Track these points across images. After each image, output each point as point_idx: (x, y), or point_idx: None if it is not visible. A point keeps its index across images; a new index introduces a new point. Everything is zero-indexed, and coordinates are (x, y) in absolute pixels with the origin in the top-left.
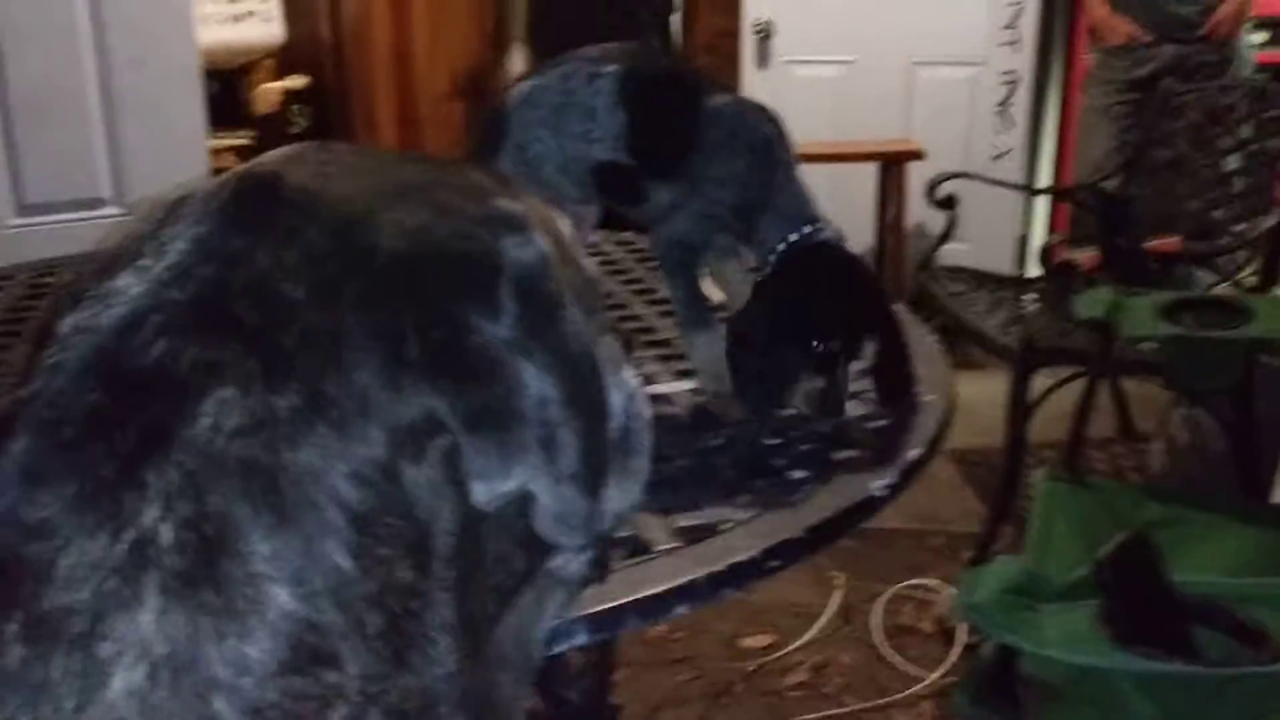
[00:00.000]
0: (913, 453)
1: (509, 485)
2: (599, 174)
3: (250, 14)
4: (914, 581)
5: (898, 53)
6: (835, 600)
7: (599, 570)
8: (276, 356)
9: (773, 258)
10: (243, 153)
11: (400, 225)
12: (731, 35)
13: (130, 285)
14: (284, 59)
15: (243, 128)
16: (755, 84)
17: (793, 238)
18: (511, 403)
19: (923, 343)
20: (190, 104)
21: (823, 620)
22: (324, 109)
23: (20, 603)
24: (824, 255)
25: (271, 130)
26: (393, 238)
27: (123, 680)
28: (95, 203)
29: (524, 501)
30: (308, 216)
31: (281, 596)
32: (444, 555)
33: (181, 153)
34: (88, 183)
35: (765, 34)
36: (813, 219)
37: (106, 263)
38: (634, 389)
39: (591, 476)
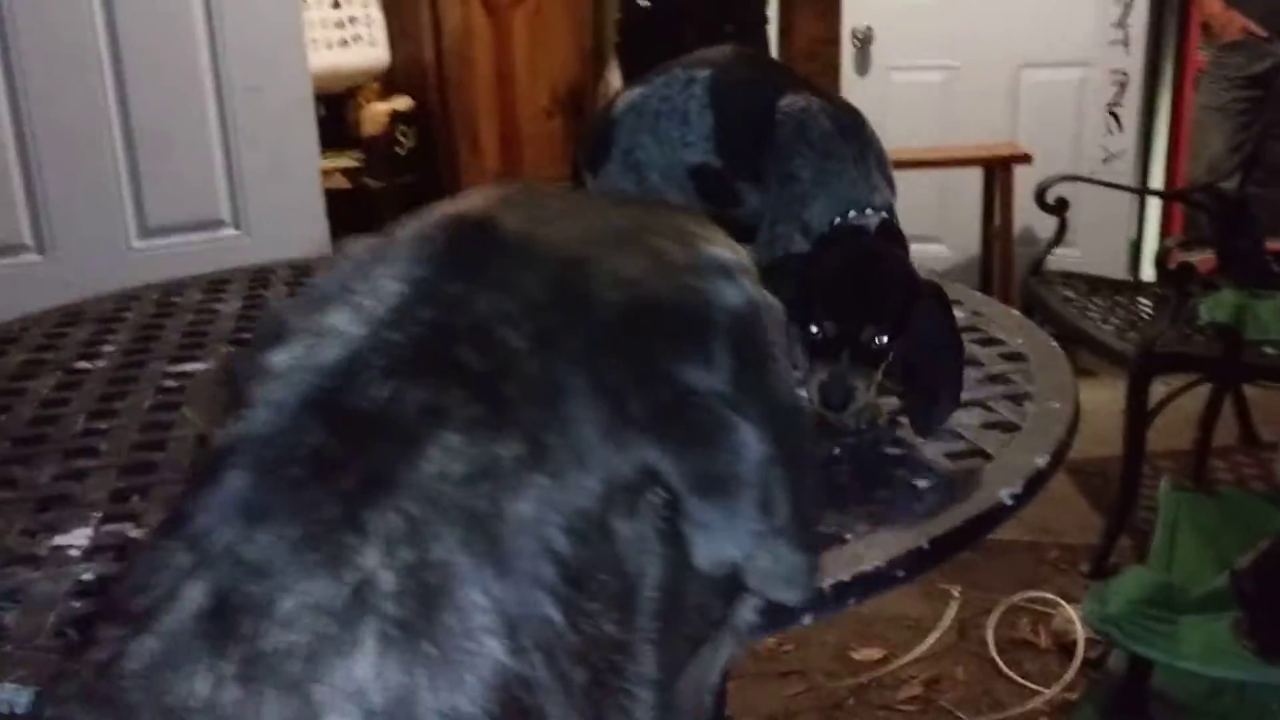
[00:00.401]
0: (1039, 460)
1: (734, 553)
2: (696, 176)
3: (357, 38)
4: (1030, 594)
5: (1002, 55)
6: (950, 613)
7: (769, 618)
8: (500, 404)
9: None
10: (350, 173)
11: (615, 275)
12: (830, 43)
13: (346, 324)
14: (388, 81)
15: (350, 148)
16: (855, 92)
17: (835, 222)
18: (735, 468)
19: (1045, 348)
20: (304, 128)
21: (937, 633)
22: (428, 129)
23: (238, 641)
24: (850, 239)
25: (378, 151)
26: (609, 288)
27: None
28: (214, 224)
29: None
30: (524, 263)
31: (496, 650)
32: (649, 610)
33: (296, 175)
34: (207, 205)
35: (864, 41)
36: (863, 204)
37: (315, 299)
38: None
39: (805, 530)
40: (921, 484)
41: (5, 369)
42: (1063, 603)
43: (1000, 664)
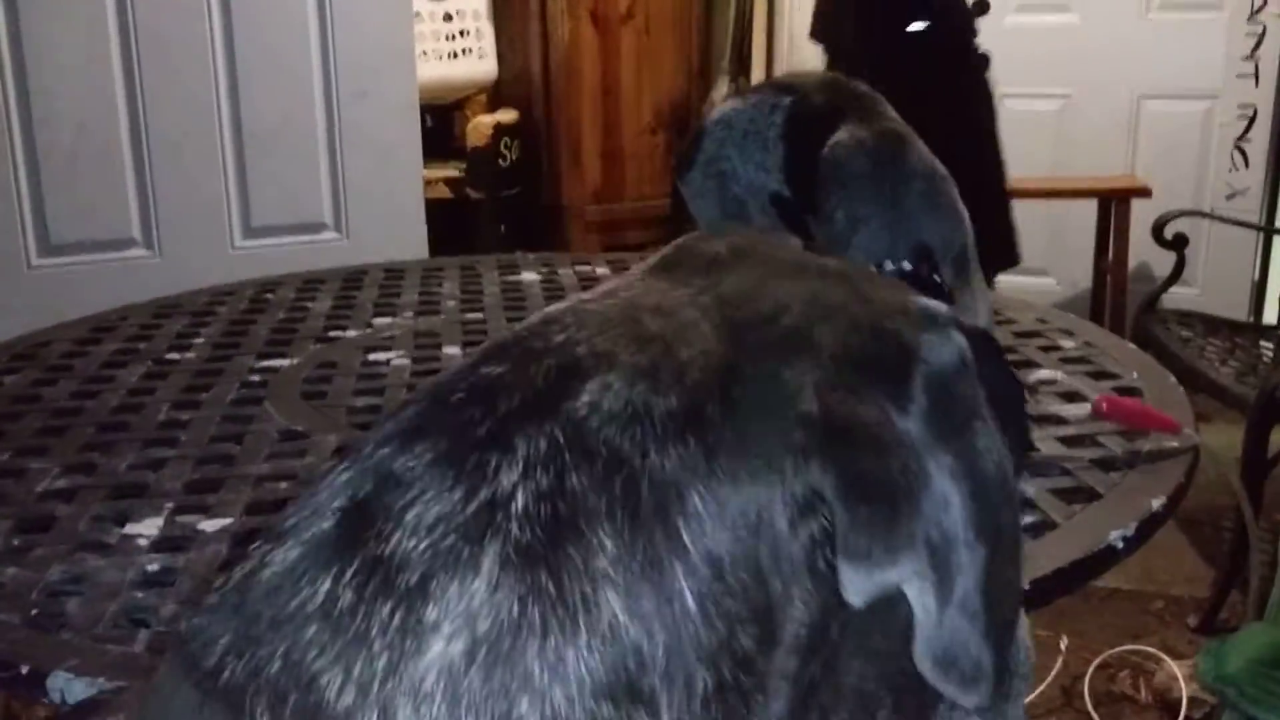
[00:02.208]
0: (1155, 503)
1: (889, 575)
2: (776, 204)
3: (468, 51)
4: (1131, 647)
5: (1121, 85)
6: (1055, 665)
7: None
8: (666, 363)
9: None
10: (453, 183)
11: (817, 296)
12: None
13: (554, 309)
14: (495, 94)
15: (454, 159)
16: None
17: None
18: (906, 483)
19: (1162, 383)
20: (408, 136)
21: (1043, 685)
22: (532, 142)
23: (362, 545)
24: None
25: (481, 162)
26: (808, 305)
27: (439, 652)
28: (316, 227)
29: (907, 627)
30: (728, 271)
31: (616, 606)
32: (790, 644)
33: (398, 182)
34: (310, 208)
35: None
36: (888, 254)
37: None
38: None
39: (992, 620)
40: (1027, 519)
41: (98, 357)
42: (1166, 658)
43: (1096, 718)
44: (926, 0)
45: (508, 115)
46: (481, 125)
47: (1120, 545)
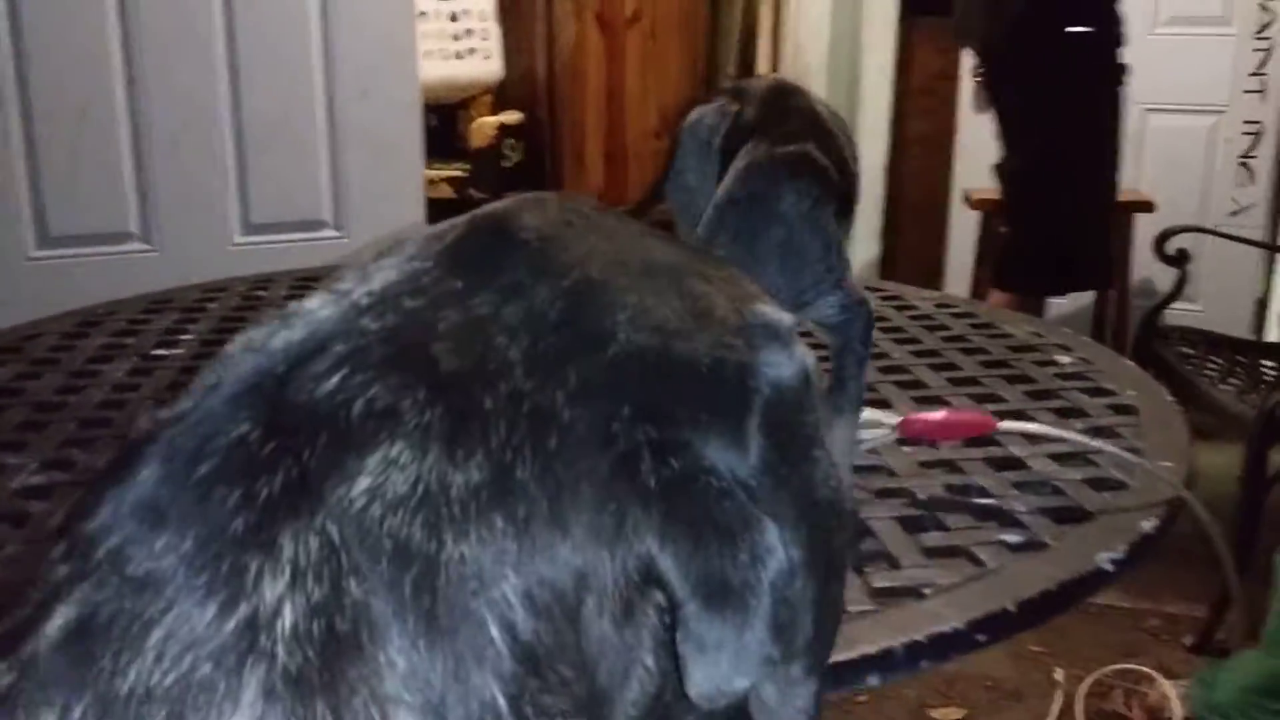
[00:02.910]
0: (1146, 524)
1: (739, 683)
2: None
3: (473, 51)
4: (1125, 665)
5: (1133, 96)
6: (1055, 688)
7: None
8: (467, 416)
9: None
10: (456, 184)
11: (644, 312)
12: (949, 78)
13: (318, 307)
14: (500, 94)
15: (458, 160)
16: (973, 129)
17: None
18: (753, 577)
19: (1159, 403)
20: (410, 136)
21: (1029, 701)
22: (535, 144)
23: (96, 676)
24: None
25: (484, 163)
26: (634, 326)
27: None
28: (316, 225)
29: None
30: (540, 271)
31: None
32: None
33: (399, 181)
34: (310, 206)
35: None
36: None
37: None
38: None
39: (822, 650)
40: (1011, 539)
41: (84, 352)
42: (1160, 677)
43: None
44: (1090, 6)
45: (512, 116)
46: (485, 126)
47: (1110, 568)
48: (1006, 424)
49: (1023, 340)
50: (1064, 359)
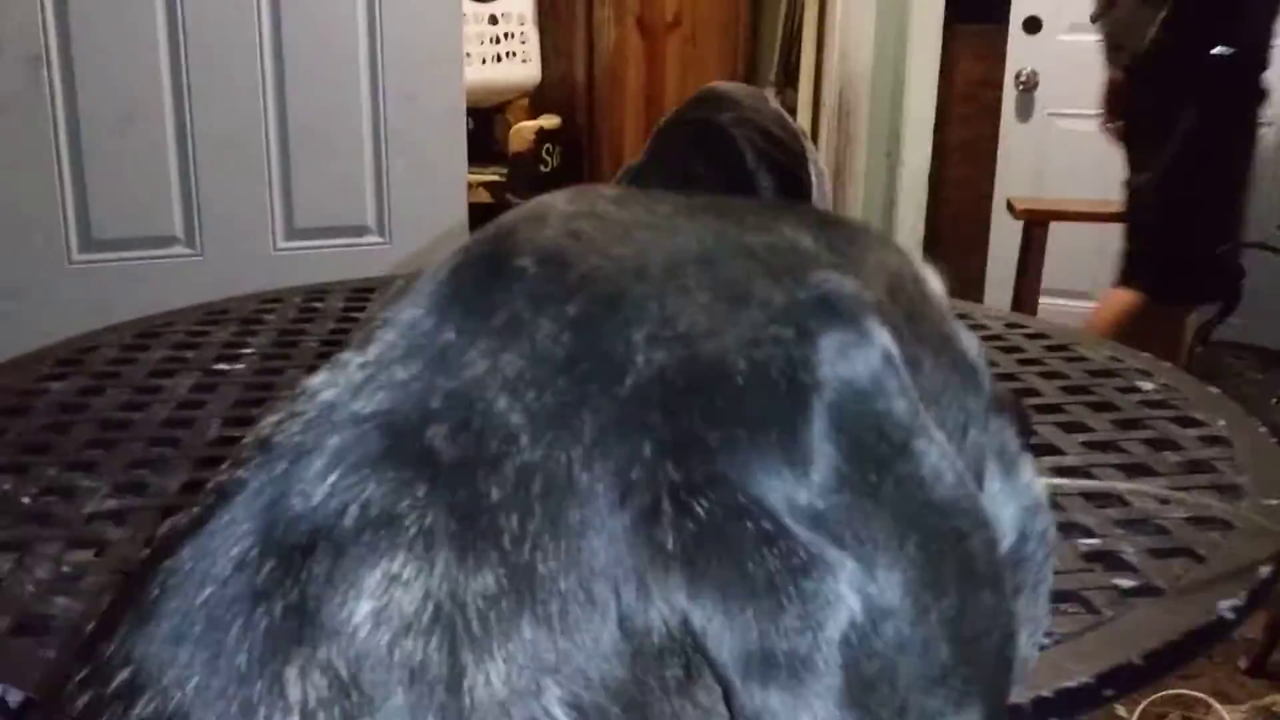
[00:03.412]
0: (1264, 570)
1: None
2: None
3: (511, 54)
4: (1179, 691)
5: None
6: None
7: None
8: (473, 513)
9: None
10: (493, 188)
11: (667, 321)
12: (992, 86)
13: (323, 388)
14: (536, 99)
15: (495, 164)
16: (1015, 137)
17: None
18: (806, 643)
19: (1253, 433)
20: (454, 140)
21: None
22: (573, 148)
23: None
24: None
25: (523, 168)
26: (654, 343)
27: None
28: (360, 230)
29: None
30: (541, 301)
31: None
32: None
33: (442, 186)
34: (353, 211)
35: (1028, 85)
36: None
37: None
38: (1036, 497)
39: (980, 676)
40: (1124, 584)
41: (145, 365)
42: (1214, 703)
43: None
44: (1239, 27)
45: (550, 121)
46: (524, 131)
47: (1231, 616)
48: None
49: (1101, 365)
50: (1146, 385)
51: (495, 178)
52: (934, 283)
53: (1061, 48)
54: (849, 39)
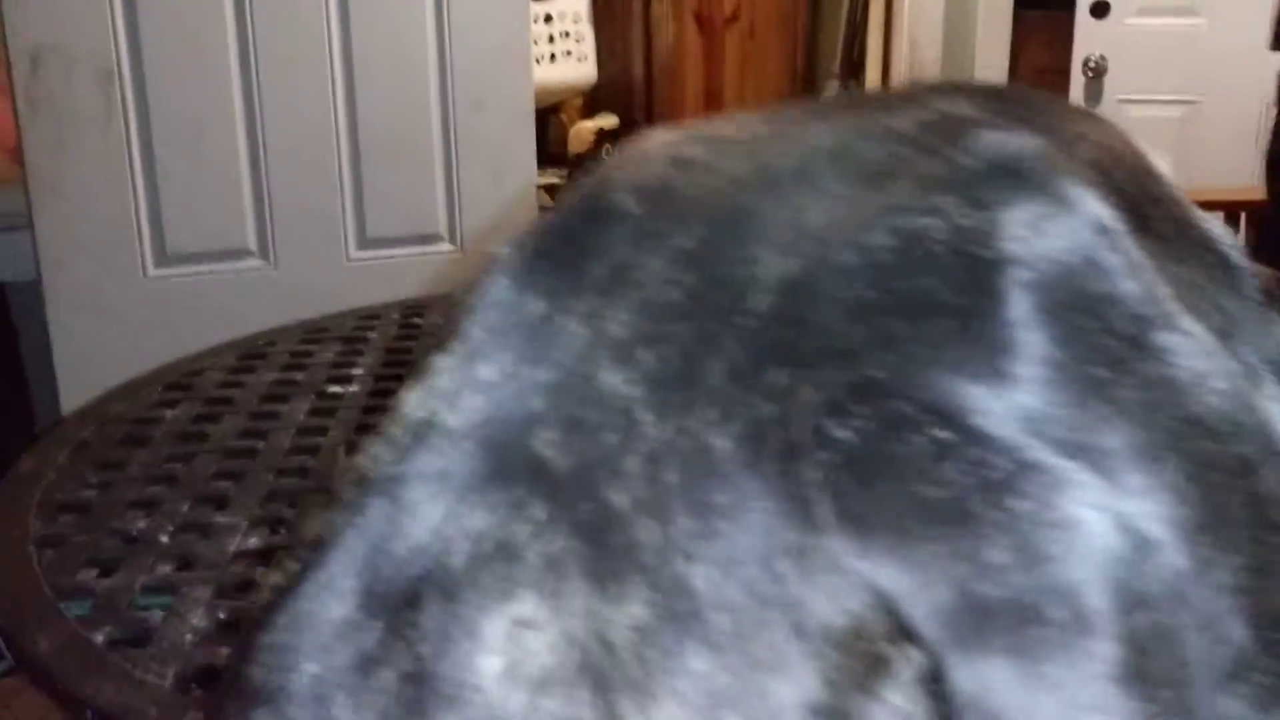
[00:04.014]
0: None
1: None
2: None
3: (567, 54)
4: None
5: (1251, 91)
6: None
7: None
8: (604, 528)
9: None
10: (552, 191)
11: (796, 228)
12: (1059, 73)
13: (415, 406)
14: (591, 98)
15: (550, 165)
16: None
17: None
18: (1046, 581)
19: None
20: (523, 145)
21: None
22: None
23: None
24: None
25: (583, 169)
26: (787, 252)
27: None
28: (431, 238)
29: None
30: (647, 241)
31: None
32: None
33: (512, 192)
34: (425, 219)
35: (1097, 71)
36: None
37: (418, 365)
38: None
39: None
40: None
41: (256, 389)
42: None
43: None
44: None
45: (609, 120)
46: (584, 131)
47: None
48: None
49: None
50: None
51: (555, 180)
52: (1160, 162)
53: (1130, 31)
54: (918, 27)
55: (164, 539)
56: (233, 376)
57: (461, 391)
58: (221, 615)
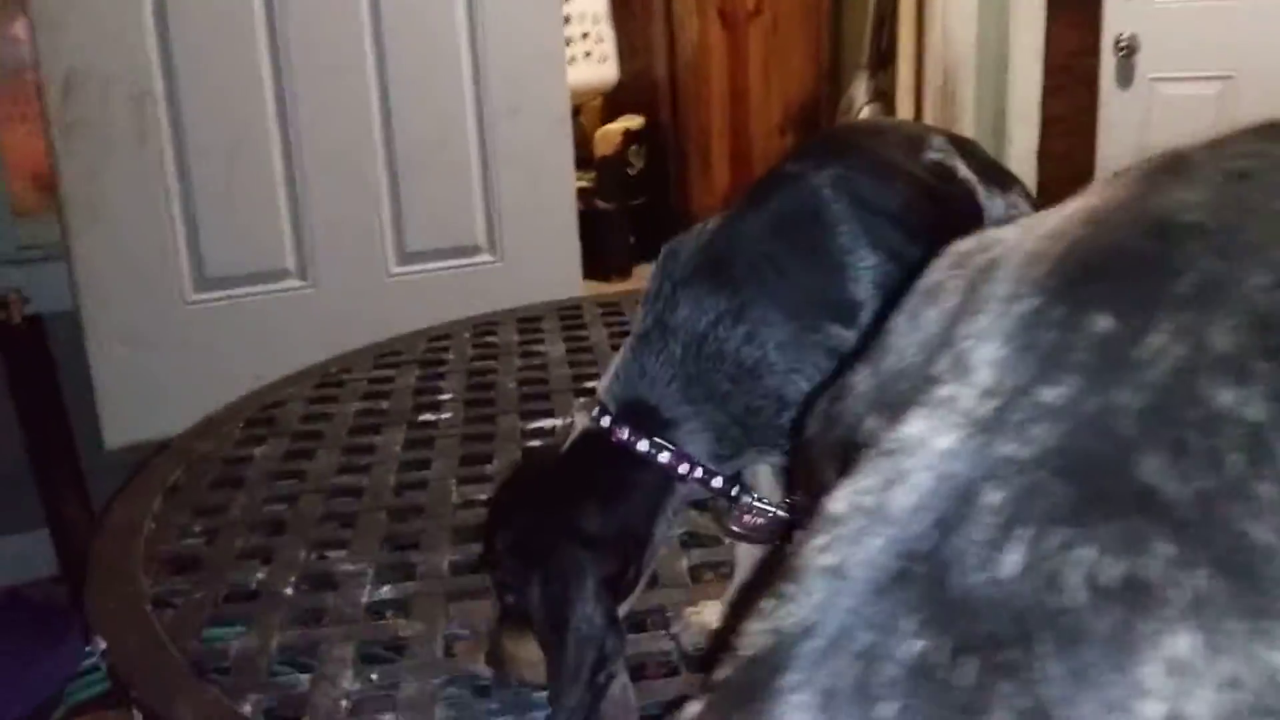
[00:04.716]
0: None
1: None
2: None
3: (588, 55)
4: None
5: None
6: None
7: None
8: (1248, 564)
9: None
10: (581, 194)
11: None
12: (1090, 54)
13: (929, 434)
14: (612, 99)
15: (577, 169)
16: (1116, 107)
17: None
18: None
19: None
20: (560, 150)
21: None
22: (658, 148)
23: None
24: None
25: (610, 172)
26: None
27: None
28: (471, 250)
29: None
30: (1235, 256)
31: None
32: None
33: (551, 200)
34: (464, 231)
35: (1129, 50)
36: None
37: (885, 376)
38: None
39: None
40: None
41: (342, 421)
42: None
43: None
44: None
45: (634, 121)
46: (610, 133)
47: None
48: None
49: None
50: None
51: (583, 184)
52: None
53: (1160, 9)
54: (951, 17)
55: (288, 591)
56: (314, 408)
57: (1010, 418)
58: (374, 677)
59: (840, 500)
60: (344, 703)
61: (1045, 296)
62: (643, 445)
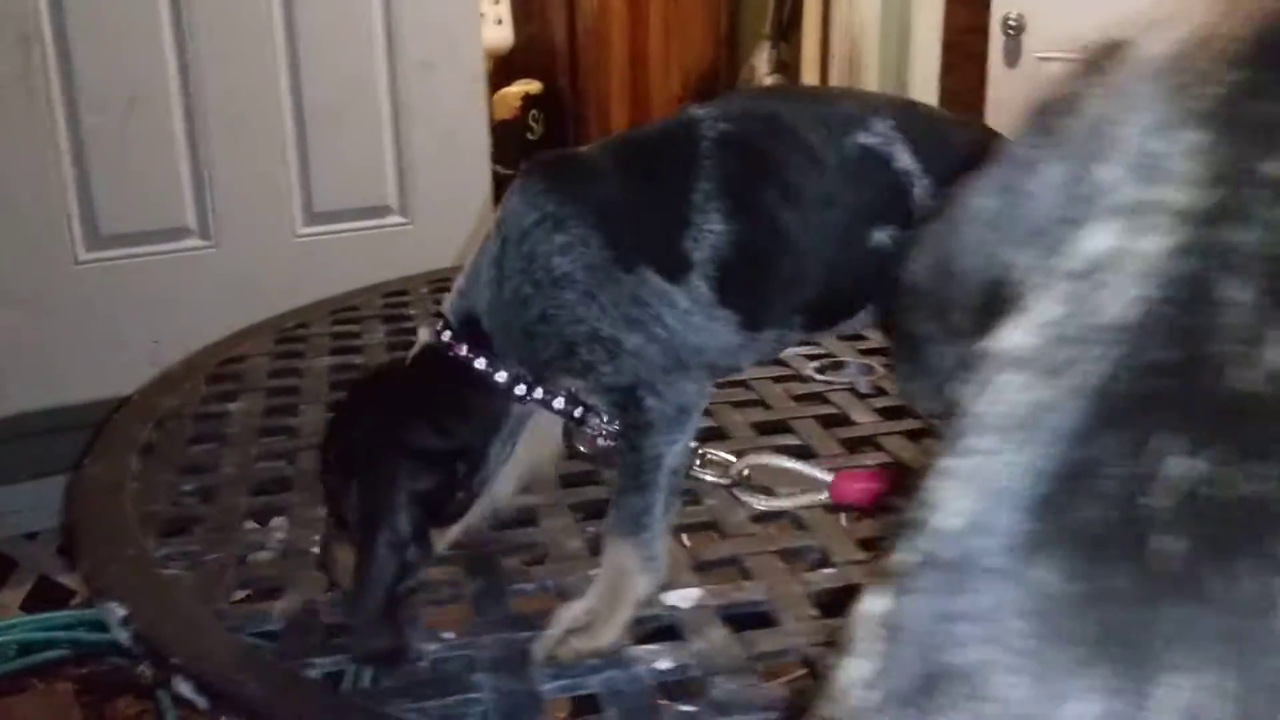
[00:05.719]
0: None
1: None
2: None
3: (482, 15)
4: None
5: None
6: None
7: None
8: None
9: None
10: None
11: None
12: (976, 31)
13: (1132, 243)
14: (506, 62)
15: None
16: (1003, 85)
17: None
18: None
19: None
20: (475, 109)
21: None
22: (556, 114)
23: None
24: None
25: (510, 137)
26: None
27: None
28: (381, 211)
29: None
30: None
31: None
32: None
33: (464, 160)
34: (374, 190)
35: (1016, 29)
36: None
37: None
38: None
39: None
40: None
41: (318, 375)
42: None
43: None
44: None
45: (533, 86)
46: (509, 96)
47: None
48: None
49: None
50: None
51: None
52: None
53: None
54: None
55: (317, 550)
56: (281, 363)
57: (1253, 200)
58: (449, 635)
59: (1022, 335)
60: (422, 664)
61: (1251, 69)
62: (480, 363)
